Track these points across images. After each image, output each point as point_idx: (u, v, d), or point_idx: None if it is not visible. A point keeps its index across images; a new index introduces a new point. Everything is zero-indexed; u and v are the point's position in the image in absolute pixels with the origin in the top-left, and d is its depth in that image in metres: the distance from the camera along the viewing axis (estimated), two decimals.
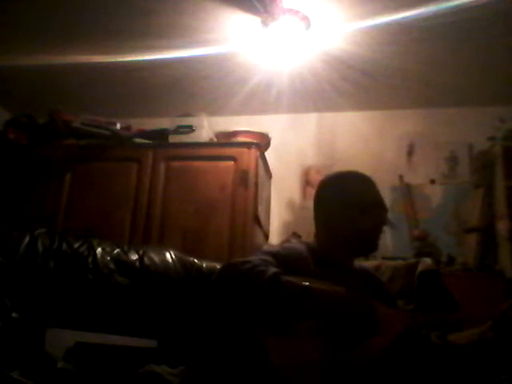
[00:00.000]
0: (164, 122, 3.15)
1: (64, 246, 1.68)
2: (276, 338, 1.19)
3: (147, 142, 3.08)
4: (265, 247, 1.45)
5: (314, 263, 1.41)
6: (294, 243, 1.57)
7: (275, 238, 3.25)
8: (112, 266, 1.71)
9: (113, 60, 2.99)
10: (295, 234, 3.08)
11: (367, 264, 1.87)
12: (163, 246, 2.33)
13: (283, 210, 3.41)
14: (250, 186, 2.79)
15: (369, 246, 1.51)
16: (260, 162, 2.95)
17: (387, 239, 3.09)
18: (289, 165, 3.47)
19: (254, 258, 1.32)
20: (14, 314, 1.34)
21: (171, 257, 1.85)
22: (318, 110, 3.51)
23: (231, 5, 2.53)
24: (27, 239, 1.62)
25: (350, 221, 1.46)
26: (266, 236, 3.18)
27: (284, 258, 1.36)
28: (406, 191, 3.27)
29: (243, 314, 1.25)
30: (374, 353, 1.16)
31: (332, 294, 1.22)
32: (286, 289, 1.21)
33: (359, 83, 3.14)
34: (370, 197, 1.52)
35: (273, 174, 3.37)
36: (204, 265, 1.88)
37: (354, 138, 3.48)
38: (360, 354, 1.16)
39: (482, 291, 2.51)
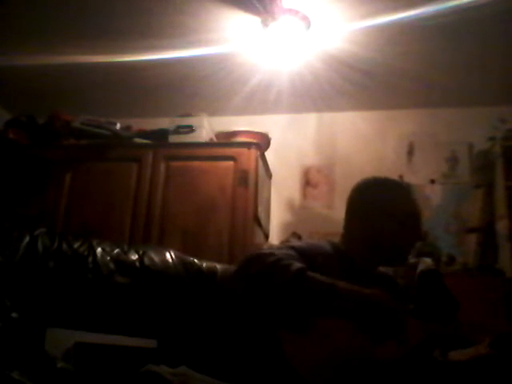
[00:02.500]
0: (164, 122, 3.15)
1: (64, 245, 1.68)
2: (293, 333, 1.17)
3: (147, 141, 3.08)
4: (291, 242, 1.41)
5: (337, 263, 1.38)
6: (319, 241, 1.51)
7: (275, 237, 3.25)
8: (112, 265, 1.71)
9: (113, 60, 2.99)
10: (295, 234, 3.08)
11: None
12: (163, 246, 2.33)
13: (283, 210, 3.41)
14: (250, 186, 2.79)
15: (399, 259, 1.47)
16: (260, 161, 2.95)
17: None
18: (289, 165, 3.47)
19: (279, 252, 1.28)
20: (13, 314, 1.34)
21: (171, 257, 1.85)
22: (318, 110, 3.51)
23: (231, 5, 2.54)
24: (27, 239, 1.62)
25: (389, 232, 1.41)
26: (266, 236, 3.18)
27: (308, 255, 1.32)
28: None
29: (263, 307, 1.23)
30: (386, 360, 1.14)
31: (358, 294, 1.19)
32: (312, 285, 1.18)
33: (359, 83, 3.14)
34: (411, 208, 1.46)
35: (273, 174, 3.37)
36: (204, 265, 1.88)
37: (354, 138, 3.48)
38: (376, 358, 1.14)
39: (482, 291, 2.51)
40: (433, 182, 3.28)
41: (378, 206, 1.45)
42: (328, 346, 1.15)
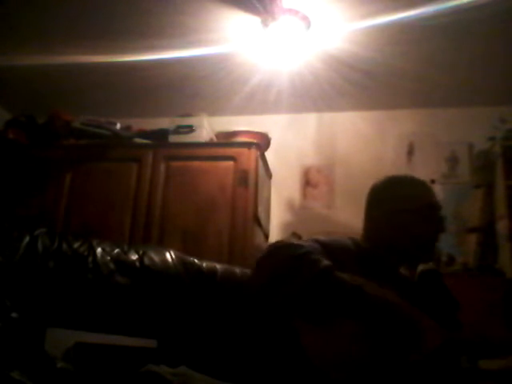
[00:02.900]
0: (164, 122, 3.15)
1: (64, 245, 1.68)
2: (312, 326, 1.17)
3: (147, 141, 3.08)
4: (315, 236, 1.39)
5: (359, 261, 1.37)
6: (343, 237, 1.49)
7: (275, 237, 3.24)
8: (112, 265, 1.71)
9: (113, 60, 2.99)
10: (295, 234, 3.08)
11: None
12: (163, 245, 2.33)
13: (283, 210, 3.41)
14: (250, 186, 2.79)
15: (425, 254, 1.46)
16: (260, 161, 2.95)
17: None
18: (289, 165, 3.47)
19: (306, 244, 1.27)
20: (13, 314, 1.34)
21: (171, 257, 1.85)
22: (318, 110, 3.51)
23: (231, 5, 2.54)
24: (27, 239, 1.62)
25: (411, 227, 1.41)
26: (266, 236, 3.18)
27: (331, 250, 1.31)
28: None
29: (285, 298, 1.21)
30: (407, 364, 1.13)
31: (382, 299, 1.18)
32: (338, 284, 1.17)
33: (359, 83, 3.14)
34: (429, 200, 1.47)
35: (273, 174, 3.36)
36: (204, 265, 1.88)
37: (354, 138, 3.48)
38: (394, 361, 1.14)
39: (482, 291, 2.51)
40: (433, 182, 3.26)
41: (397, 202, 1.45)
42: (343, 342, 1.15)
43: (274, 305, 1.27)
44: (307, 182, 3.47)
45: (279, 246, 1.27)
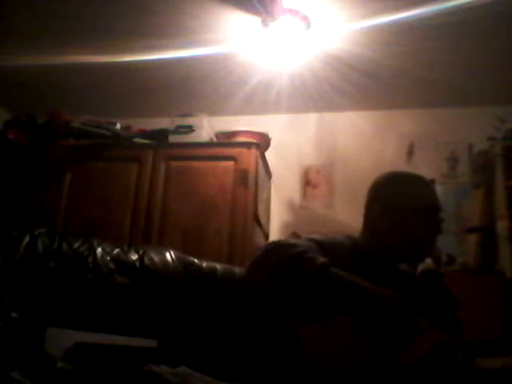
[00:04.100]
0: (164, 122, 3.15)
1: (64, 245, 1.68)
2: (310, 324, 1.17)
3: (147, 141, 3.08)
4: (311, 235, 1.39)
5: (356, 259, 1.37)
6: (339, 236, 1.50)
7: (275, 237, 3.24)
8: (112, 265, 1.71)
9: (113, 60, 2.99)
10: (295, 234, 3.08)
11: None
12: (163, 245, 2.33)
13: (283, 210, 3.41)
14: (250, 185, 2.79)
15: (419, 253, 1.45)
16: (260, 161, 2.95)
17: None
18: (289, 165, 3.47)
19: (301, 243, 1.28)
20: (13, 314, 1.34)
21: (171, 257, 1.85)
22: (318, 110, 3.51)
23: (231, 5, 2.53)
24: (27, 239, 1.62)
25: (409, 227, 1.41)
26: (266, 236, 3.18)
27: (327, 248, 1.32)
28: None
29: (282, 297, 1.22)
30: (402, 363, 1.13)
31: (377, 295, 1.18)
32: (334, 281, 1.18)
33: (359, 83, 3.13)
34: (430, 201, 1.46)
35: (273, 174, 3.37)
36: (204, 265, 1.88)
37: (354, 138, 3.48)
38: (389, 362, 1.14)
39: (482, 291, 2.51)
40: (433, 181, 3.26)
41: (397, 200, 1.44)
42: (341, 339, 1.15)
43: (272, 303, 1.27)
44: (307, 182, 3.47)
45: (275, 246, 1.27)
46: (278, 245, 1.28)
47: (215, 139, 3.09)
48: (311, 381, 1.17)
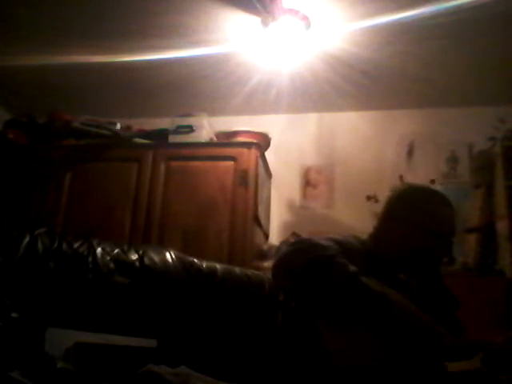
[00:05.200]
0: (164, 122, 3.16)
1: (64, 245, 1.68)
2: (336, 330, 1.18)
3: (147, 141, 3.08)
4: (330, 235, 1.39)
5: (366, 261, 1.37)
6: (351, 238, 1.48)
7: (275, 237, 3.25)
8: (112, 265, 1.71)
9: (113, 60, 2.99)
10: (295, 234, 3.08)
11: None
12: (163, 245, 2.33)
13: (283, 210, 3.41)
14: (250, 186, 2.79)
15: (424, 270, 1.47)
16: (260, 161, 2.95)
17: None
18: (289, 165, 3.47)
19: (329, 244, 1.27)
20: (13, 314, 1.34)
21: (171, 257, 1.85)
22: (317, 110, 3.51)
23: (231, 5, 2.53)
24: (27, 239, 1.62)
25: (422, 247, 1.41)
26: (266, 236, 3.18)
27: (345, 250, 1.31)
28: None
29: (314, 300, 1.21)
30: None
31: (405, 309, 1.20)
32: (364, 291, 1.18)
33: (359, 83, 3.13)
34: (448, 228, 1.44)
35: (273, 174, 3.36)
36: (204, 265, 1.88)
37: (354, 138, 3.48)
38: (411, 369, 1.16)
39: (482, 291, 2.51)
40: (433, 181, 3.27)
41: (416, 219, 1.43)
42: (365, 345, 1.16)
43: (300, 305, 1.27)
44: (307, 182, 3.47)
45: (303, 245, 1.26)
46: (306, 244, 1.26)
47: (215, 139, 3.09)
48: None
